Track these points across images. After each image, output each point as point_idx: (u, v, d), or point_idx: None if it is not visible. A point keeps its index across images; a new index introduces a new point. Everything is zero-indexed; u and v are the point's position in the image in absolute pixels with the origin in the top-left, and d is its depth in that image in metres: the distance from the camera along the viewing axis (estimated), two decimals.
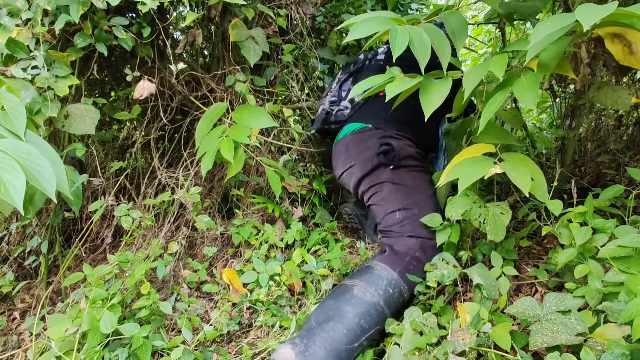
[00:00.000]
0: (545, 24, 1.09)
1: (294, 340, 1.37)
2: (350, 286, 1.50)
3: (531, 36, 1.10)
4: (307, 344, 1.34)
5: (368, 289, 1.47)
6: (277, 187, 1.69)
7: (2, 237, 2.26)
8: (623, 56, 1.31)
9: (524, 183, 1.26)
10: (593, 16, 0.98)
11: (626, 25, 1.19)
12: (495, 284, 1.44)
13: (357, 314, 1.41)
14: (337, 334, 1.36)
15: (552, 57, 1.26)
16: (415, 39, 1.30)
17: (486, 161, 1.36)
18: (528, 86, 1.24)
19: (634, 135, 2.05)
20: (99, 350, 1.39)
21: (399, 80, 1.38)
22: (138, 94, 1.73)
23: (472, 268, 1.48)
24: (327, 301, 1.48)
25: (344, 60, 3.01)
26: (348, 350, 1.35)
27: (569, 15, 1.07)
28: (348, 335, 1.36)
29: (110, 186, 2.27)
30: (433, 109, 1.34)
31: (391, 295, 1.49)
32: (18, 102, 1.13)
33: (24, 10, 1.44)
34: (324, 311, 1.44)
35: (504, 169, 1.30)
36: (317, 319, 1.42)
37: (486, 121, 1.28)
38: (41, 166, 0.96)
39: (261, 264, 1.83)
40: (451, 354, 1.23)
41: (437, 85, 1.38)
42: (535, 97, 1.22)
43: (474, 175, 1.31)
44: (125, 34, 1.66)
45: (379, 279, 1.51)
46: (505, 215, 1.45)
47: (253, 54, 1.92)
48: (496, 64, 1.27)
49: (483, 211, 1.45)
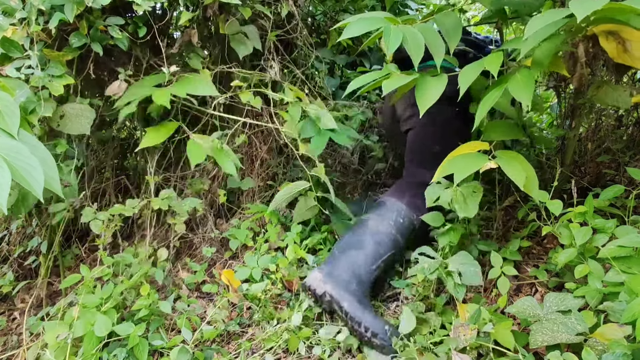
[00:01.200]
0: (539, 19, 1.10)
1: (320, 266, 1.61)
2: (366, 220, 1.74)
3: (525, 31, 1.11)
4: (332, 267, 1.57)
5: (381, 221, 1.71)
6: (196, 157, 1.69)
7: (2, 237, 2.26)
8: (617, 54, 1.31)
9: (518, 178, 1.28)
10: (586, 8, 0.99)
11: (621, 22, 1.19)
12: (479, 269, 1.46)
13: (374, 242, 1.64)
14: (357, 258, 1.60)
15: (546, 54, 1.27)
16: (409, 38, 1.33)
17: (481, 157, 1.38)
18: (523, 83, 1.26)
19: (634, 135, 2.04)
20: (95, 353, 1.39)
21: (395, 77, 1.41)
22: (112, 91, 1.73)
23: (454, 257, 1.50)
24: (347, 235, 1.72)
25: (344, 60, 3.01)
26: (367, 272, 1.59)
27: (562, 10, 1.08)
28: (366, 259, 1.60)
29: (110, 186, 2.27)
30: (428, 106, 1.37)
31: (402, 224, 1.73)
32: (12, 101, 1.12)
33: (18, 9, 1.43)
34: (345, 242, 1.68)
35: (499, 163, 1.32)
36: (339, 249, 1.66)
37: (481, 118, 1.31)
38: (30, 165, 0.95)
39: (253, 259, 1.84)
40: (454, 350, 1.23)
41: (432, 83, 1.41)
42: (530, 93, 1.23)
43: (468, 169, 1.34)
44: (120, 34, 1.65)
45: (389, 211, 1.74)
46: (477, 192, 1.49)
47: (243, 47, 1.92)
48: (491, 62, 1.29)
49: (452, 192, 1.51)
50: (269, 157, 2.30)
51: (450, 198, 1.50)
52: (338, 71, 3.05)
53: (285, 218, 2.11)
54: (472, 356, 1.26)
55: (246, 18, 1.89)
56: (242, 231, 2.01)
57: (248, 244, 1.99)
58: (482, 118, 1.31)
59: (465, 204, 1.47)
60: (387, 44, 1.29)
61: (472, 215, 1.47)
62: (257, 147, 2.28)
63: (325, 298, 1.50)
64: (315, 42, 2.36)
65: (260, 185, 2.27)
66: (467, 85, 1.33)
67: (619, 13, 1.14)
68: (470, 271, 1.45)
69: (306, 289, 1.58)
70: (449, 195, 1.51)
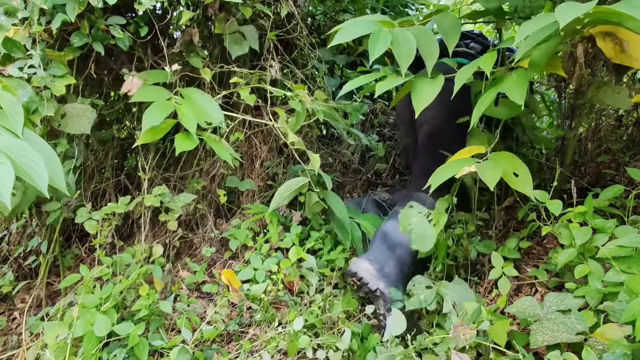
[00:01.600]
0: (529, 23, 1.13)
1: (369, 256, 1.62)
2: None
3: (516, 34, 1.14)
4: (383, 264, 1.60)
5: None
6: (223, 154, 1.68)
7: (2, 237, 2.26)
8: (614, 54, 1.31)
9: (490, 179, 1.28)
10: (570, 14, 1.01)
11: (616, 23, 1.20)
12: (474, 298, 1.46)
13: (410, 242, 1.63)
14: (405, 259, 1.63)
15: (542, 55, 1.28)
16: (401, 41, 1.34)
17: (467, 162, 1.38)
18: (517, 83, 1.28)
19: (634, 135, 2.05)
20: (95, 353, 1.39)
21: (390, 78, 1.44)
22: (126, 88, 1.73)
23: (450, 286, 1.51)
24: (392, 226, 1.71)
25: (344, 60, 3.01)
26: (410, 270, 1.63)
27: (549, 15, 1.10)
28: (410, 259, 1.64)
29: (110, 186, 2.27)
30: (423, 107, 1.40)
31: None
32: (15, 100, 1.13)
33: (20, 9, 1.43)
34: (391, 235, 1.69)
35: (477, 168, 1.33)
36: (386, 241, 1.68)
37: (477, 118, 1.32)
38: (34, 162, 0.96)
39: (258, 260, 1.84)
40: (453, 350, 1.23)
41: (427, 85, 1.43)
42: (523, 93, 1.25)
43: (444, 175, 1.36)
44: (122, 33, 1.65)
45: None
46: (438, 224, 1.51)
47: (237, 47, 1.91)
48: (485, 61, 1.31)
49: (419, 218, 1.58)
50: (269, 157, 2.31)
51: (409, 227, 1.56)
52: (338, 71, 3.06)
53: (285, 218, 2.11)
54: (472, 355, 1.26)
55: (247, 17, 1.89)
56: (242, 231, 2.01)
57: (248, 244, 1.99)
58: (478, 118, 1.33)
59: (424, 236, 1.53)
60: (373, 49, 1.31)
61: (427, 251, 1.52)
62: (257, 147, 2.28)
63: (376, 293, 1.56)
64: (315, 42, 2.36)
65: (260, 185, 2.27)
66: (462, 83, 1.35)
67: (608, 15, 1.15)
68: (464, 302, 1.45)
69: (353, 277, 1.59)
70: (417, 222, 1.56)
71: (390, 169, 2.66)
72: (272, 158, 2.32)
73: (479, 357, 1.29)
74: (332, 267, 1.84)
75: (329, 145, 2.73)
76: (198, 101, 1.68)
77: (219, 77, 2.11)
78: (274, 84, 2.09)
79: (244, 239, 1.99)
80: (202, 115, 1.63)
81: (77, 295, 1.54)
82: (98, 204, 2.18)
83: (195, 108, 1.63)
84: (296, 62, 2.38)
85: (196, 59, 1.86)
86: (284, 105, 2.21)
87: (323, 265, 1.86)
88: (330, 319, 1.62)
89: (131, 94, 1.69)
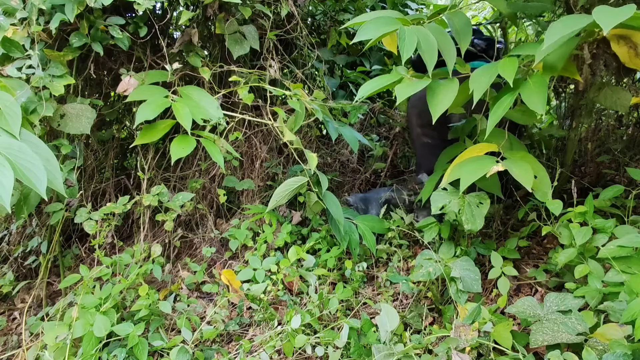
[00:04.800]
0: (558, 25, 1.05)
1: (357, 195, 2.24)
2: None
3: (545, 37, 1.06)
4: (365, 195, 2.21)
5: None
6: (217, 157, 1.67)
7: (2, 237, 2.26)
8: (629, 58, 1.30)
9: (526, 179, 1.26)
10: (613, 19, 0.95)
11: (633, 27, 1.17)
12: (478, 277, 1.45)
13: None
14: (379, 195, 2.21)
15: (559, 58, 1.23)
16: (422, 41, 1.28)
17: (488, 160, 1.36)
18: (535, 89, 1.21)
19: (634, 135, 2.04)
20: (95, 354, 1.39)
21: (407, 81, 1.37)
22: (122, 89, 1.72)
23: (457, 261, 1.49)
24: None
25: (344, 60, 3.00)
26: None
27: (583, 17, 1.04)
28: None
29: (110, 186, 2.27)
30: (442, 111, 1.33)
31: None
32: (13, 101, 1.12)
33: (19, 9, 1.43)
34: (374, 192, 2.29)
35: (506, 166, 1.30)
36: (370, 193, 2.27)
37: (494, 125, 1.26)
38: (33, 164, 0.95)
39: (257, 261, 1.83)
40: (454, 350, 1.23)
41: (443, 87, 1.37)
42: (544, 100, 1.19)
43: (475, 173, 1.31)
44: (121, 34, 1.65)
45: None
46: (484, 204, 1.47)
47: (238, 47, 1.91)
48: (506, 68, 1.24)
49: (460, 202, 1.49)
50: (269, 157, 2.30)
51: (457, 209, 1.47)
52: (338, 71, 3.05)
53: (285, 218, 2.11)
54: (472, 356, 1.25)
55: (246, 17, 1.88)
56: (242, 231, 2.01)
57: (248, 244, 1.98)
58: (494, 125, 1.27)
59: (473, 216, 1.46)
60: (403, 50, 1.24)
61: (479, 229, 1.46)
62: (257, 147, 2.28)
63: (359, 205, 2.16)
64: (315, 42, 2.36)
65: (260, 185, 2.27)
66: (482, 92, 1.26)
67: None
68: (471, 278, 1.44)
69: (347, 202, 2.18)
70: (456, 205, 1.48)
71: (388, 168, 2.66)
72: (272, 158, 2.31)
73: (480, 357, 1.29)
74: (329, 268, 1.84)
75: (328, 144, 2.73)
76: (196, 98, 1.67)
77: (219, 77, 2.11)
78: (273, 84, 2.09)
79: (244, 239, 1.99)
80: (200, 112, 1.62)
81: (77, 296, 1.54)
82: (98, 204, 2.18)
83: (193, 105, 1.62)
84: (296, 61, 2.37)
85: (195, 58, 1.86)
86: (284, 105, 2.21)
87: (323, 264, 1.86)
88: (329, 315, 1.62)
89: (127, 94, 1.69)
